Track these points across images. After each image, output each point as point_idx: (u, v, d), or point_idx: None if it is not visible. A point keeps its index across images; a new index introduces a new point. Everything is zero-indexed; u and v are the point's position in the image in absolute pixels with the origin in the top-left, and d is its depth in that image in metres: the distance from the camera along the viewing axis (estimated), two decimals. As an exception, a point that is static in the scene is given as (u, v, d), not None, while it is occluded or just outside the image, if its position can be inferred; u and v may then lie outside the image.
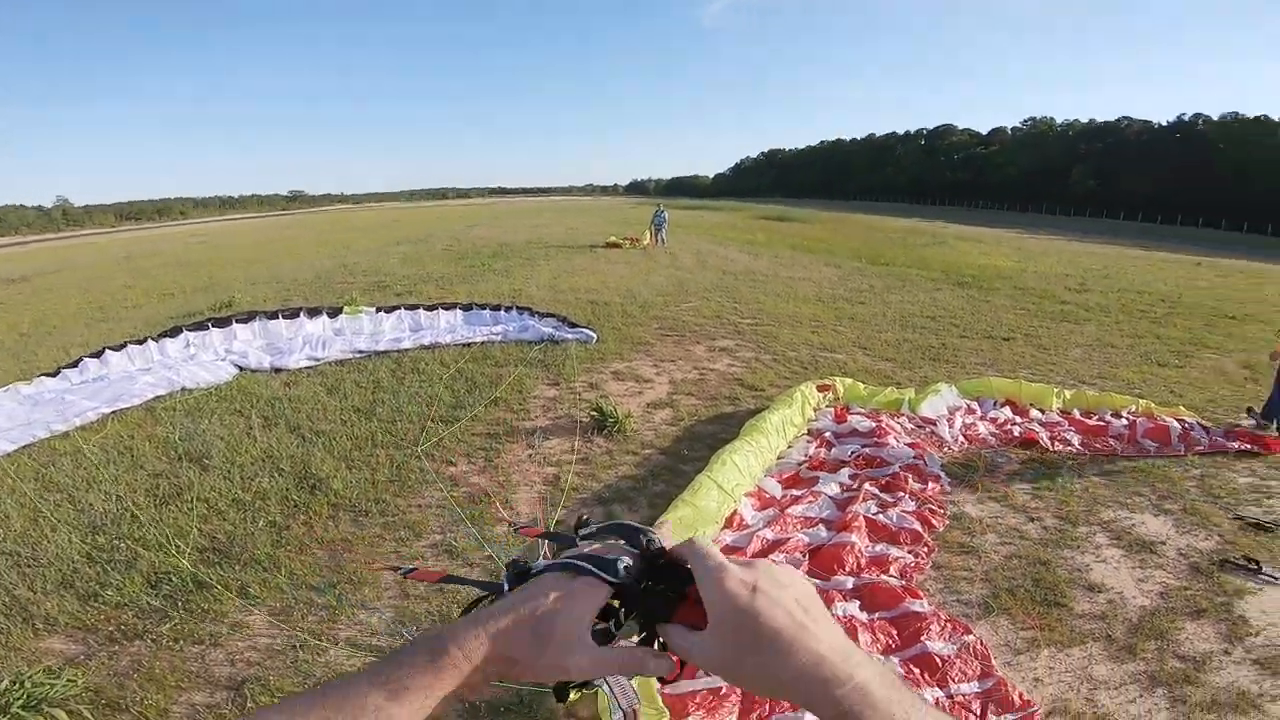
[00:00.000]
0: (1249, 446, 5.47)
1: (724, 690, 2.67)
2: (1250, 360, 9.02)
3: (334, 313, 9.57)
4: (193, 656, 3.17)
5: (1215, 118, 76.34)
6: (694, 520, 3.88)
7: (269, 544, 4.10)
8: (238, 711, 2.80)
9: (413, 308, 9.89)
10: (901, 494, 4.47)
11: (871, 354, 8.67)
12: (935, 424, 5.74)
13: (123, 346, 7.98)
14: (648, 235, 22.43)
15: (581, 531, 0.67)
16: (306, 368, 7.84)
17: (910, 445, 5.16)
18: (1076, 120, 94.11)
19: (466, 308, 9.98)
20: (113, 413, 6.45)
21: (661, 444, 5.60)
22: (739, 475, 4.49)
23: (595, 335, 8.94)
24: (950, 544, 4.06)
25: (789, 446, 5.36)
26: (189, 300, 13.96)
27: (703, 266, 17.16)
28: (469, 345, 8.58)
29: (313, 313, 9.49)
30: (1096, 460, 5.32)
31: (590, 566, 0.57)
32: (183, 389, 7.04)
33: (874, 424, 5.54)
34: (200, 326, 8.63)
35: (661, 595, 0.58)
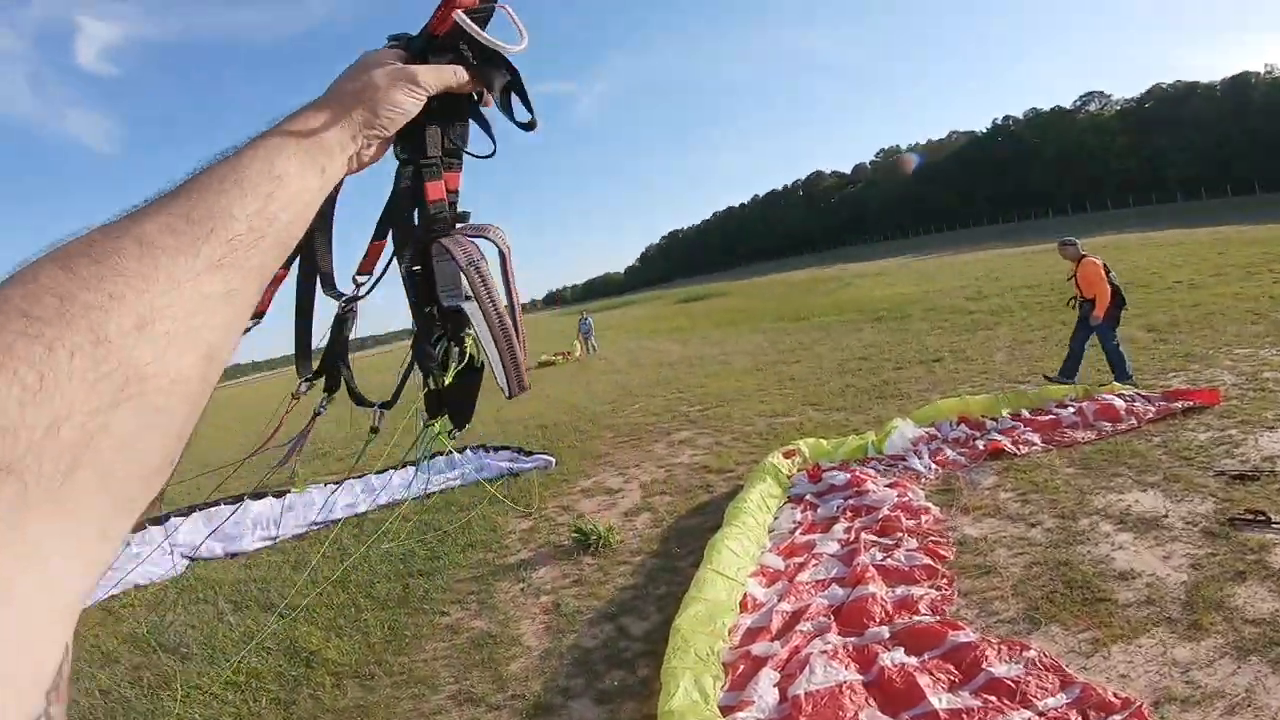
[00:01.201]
0: (1192, 403, 5.80)
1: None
2: (1150, 323, 9.78)
3: (281, 493, 9.07)
4: None
5: (1021, 116, 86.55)
6: (709, 613, 3.81)
7: (281, 721, 3.83)
8: None
9: (361, 475, 9.50)
10: (899, 534, 4.47)
11: (821, 408, 8.84)
12: (905, 459, 5.83)
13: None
14: (578, 345, 22.67)
15: None
16: (263, 548, 7.48)
17: (890, 486, 5.19)
18: (917, 143, 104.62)
19: (414, 462, 9.63)
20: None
21: (650, 548, 5.45)
22: (738, 559, 4.45)
23: (554, 459, 8.75)
24: (966, 569, 4.03)
25: (775, 518, 5.32)
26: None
27: (638, 364, 17.41)
28: (428, 496, 8.26)
29: (258, 495, 9.02)
30: (1064, 453, 5.49)
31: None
32: (135, 585, 6.75)
33: (848, 475, 5.56)
34: (139, 528, 8.12)
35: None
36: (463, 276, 0.67)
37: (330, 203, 0.71)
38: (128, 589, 6.77)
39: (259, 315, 0.73)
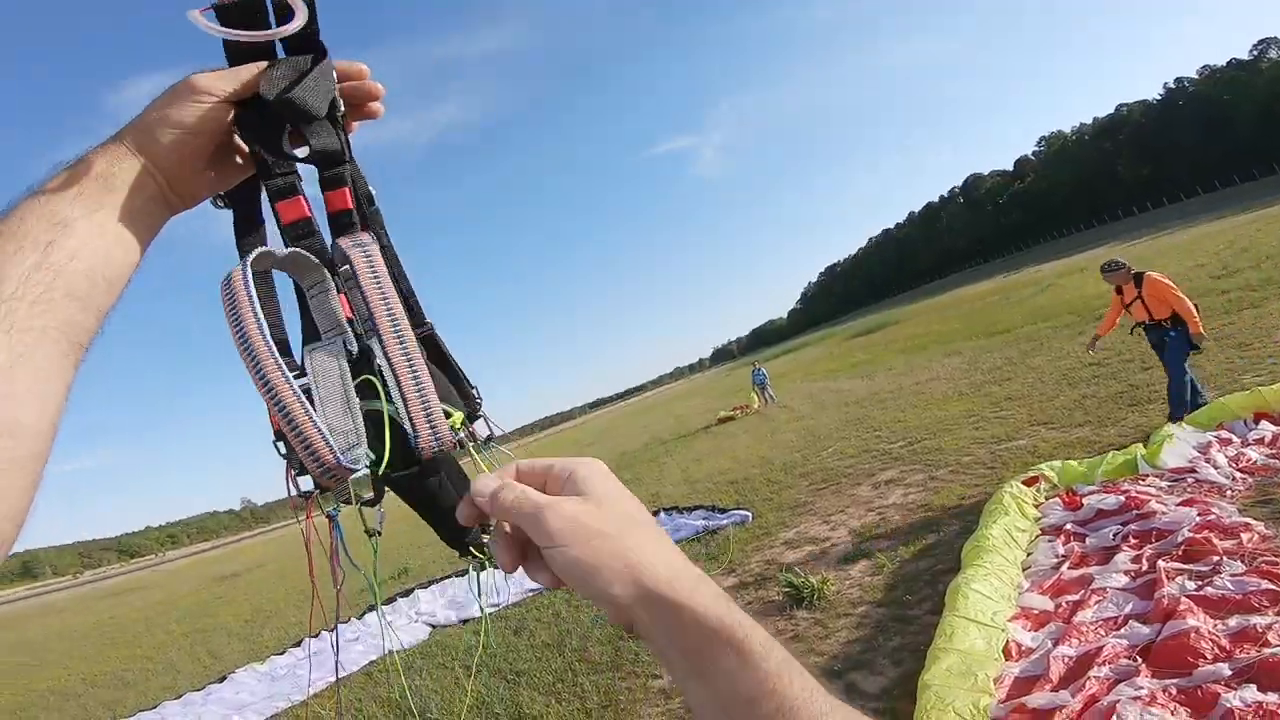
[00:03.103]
0: None
1: None
2: None
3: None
4: None
5: (1195, 75, 74.33)
6: (966, 665, 3.32)
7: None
8: None
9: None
10: (1216, 558, 3.60)
11: (1056, 426, 7.63)
12: (1194, 470, 4.74)
13: (334, 628, 8.67)
14: (755, 398, 22.26)
15: None
16: (490, 615, 8.08)
17: (1185, 504, 4.21)
18: (1083, 123, 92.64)
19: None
20: (337, 680, 7.07)
21: (873, 597, 4.92)
22: (991, 602, 3.85)
23: (750, 513, 8.43)
24: (1332, 593, 3.10)
25: (1028, 554, 4.56)
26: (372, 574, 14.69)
27: (822, 408, 16.54)
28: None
29: (483, 567, 10.00)
30: None
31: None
32: (389, 652, 7.62)
33: (1120, 497, 4.62)
34: (390, 600, 9.45)
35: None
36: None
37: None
38: (383, 655, 7.66)
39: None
